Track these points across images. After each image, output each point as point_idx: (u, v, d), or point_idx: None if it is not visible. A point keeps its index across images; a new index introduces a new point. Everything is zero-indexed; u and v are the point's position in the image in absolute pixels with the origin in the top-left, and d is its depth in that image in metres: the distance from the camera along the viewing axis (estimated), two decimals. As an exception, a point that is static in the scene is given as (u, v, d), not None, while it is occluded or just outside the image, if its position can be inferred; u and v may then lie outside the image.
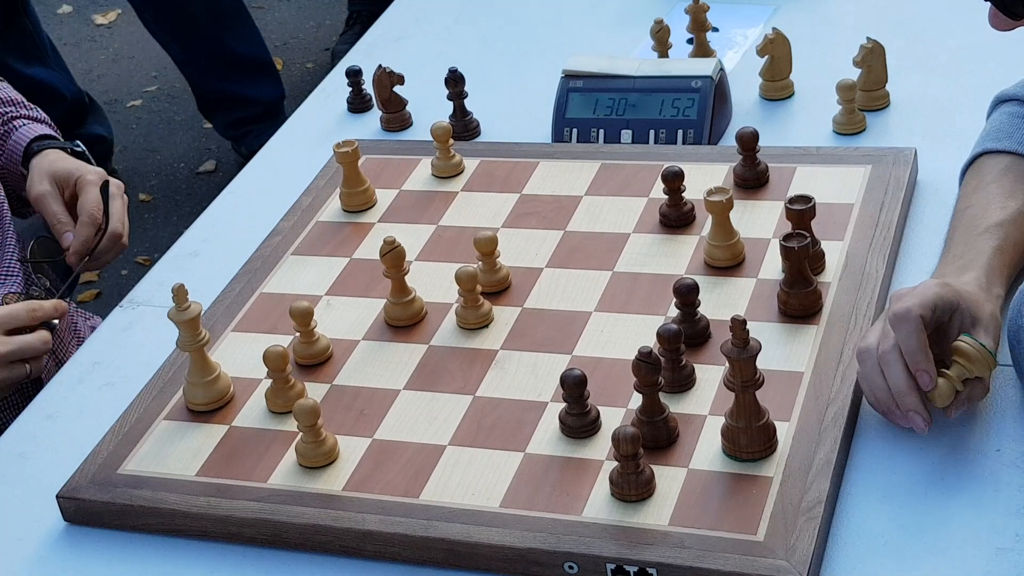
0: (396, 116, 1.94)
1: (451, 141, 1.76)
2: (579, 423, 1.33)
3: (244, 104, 3.54)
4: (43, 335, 1.62)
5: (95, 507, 1.36)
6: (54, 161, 1.79)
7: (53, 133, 1.87)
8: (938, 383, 1.25)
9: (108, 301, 3.24)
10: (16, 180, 1.84)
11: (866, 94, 1.78)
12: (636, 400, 1.33)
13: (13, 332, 1.60)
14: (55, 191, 1.76)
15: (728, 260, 1.51)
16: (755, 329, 1.38)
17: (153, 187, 3.73)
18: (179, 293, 1.41)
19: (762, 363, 1.27)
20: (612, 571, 1.20)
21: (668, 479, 1.26)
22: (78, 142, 1.86)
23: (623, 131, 1.78)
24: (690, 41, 1.94)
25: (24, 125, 1.85)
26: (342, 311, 1.56)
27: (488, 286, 1.53)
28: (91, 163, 1.82)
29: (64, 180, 1.77)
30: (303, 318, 1.47)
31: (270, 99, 3.58)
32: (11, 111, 1.86)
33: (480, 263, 1.53)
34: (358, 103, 2.00)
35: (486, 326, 1.49)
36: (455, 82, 1.87)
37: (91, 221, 1.72)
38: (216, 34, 3.47)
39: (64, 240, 1.74)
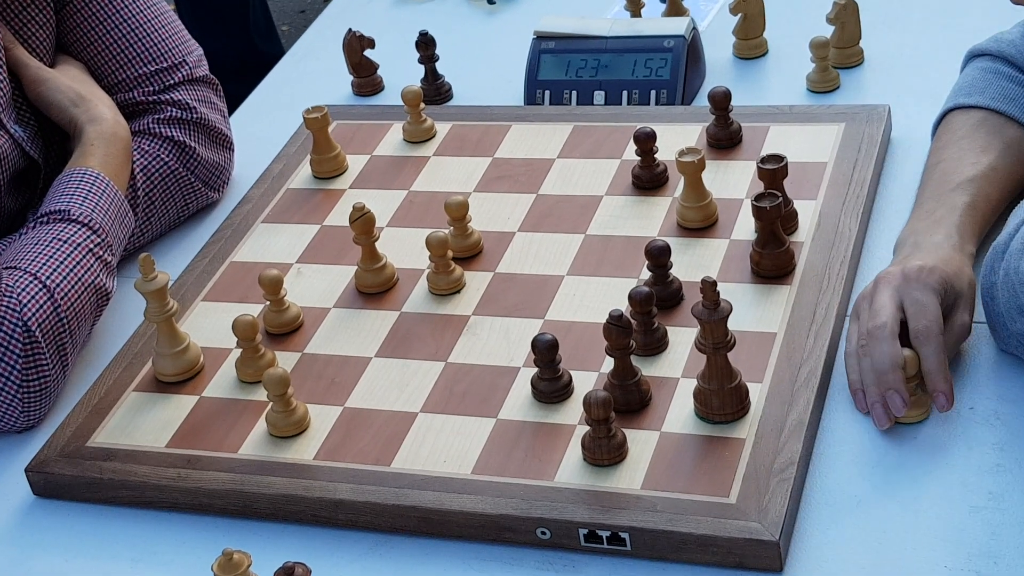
0: (367, 81, 1.92)
1: (422, 105, 1.74)
2: (551, 388, 1.32)
3: None
4: None
5: (64, 480, 1.35)
6: None
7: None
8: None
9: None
10: None
11: (840, 51, 1.76)
12: (608, 364, 1.32)
13: None
14: None
15: (700, 221, 1.50)
16: (728, 290, 1.37)
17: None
18: (145, 263, 1.40)
19: (734, 324, 1.26)
20: (584, 536, 1.20)
21: (640, 443, 1.26)
22: None
23: (596, 92, 1.77)
24: (663, 0, 1.92)
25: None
26: (313, 279, 1.55)
27: (459, 251, 1.51)
28: None
29: None
30: (272, 286, 1.46)
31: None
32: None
33: (451, 228, 1.52)
34: None
35: (458, 291, 1.48)
36: (426, 45, 1.85)
37: None
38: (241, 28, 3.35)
39: None
